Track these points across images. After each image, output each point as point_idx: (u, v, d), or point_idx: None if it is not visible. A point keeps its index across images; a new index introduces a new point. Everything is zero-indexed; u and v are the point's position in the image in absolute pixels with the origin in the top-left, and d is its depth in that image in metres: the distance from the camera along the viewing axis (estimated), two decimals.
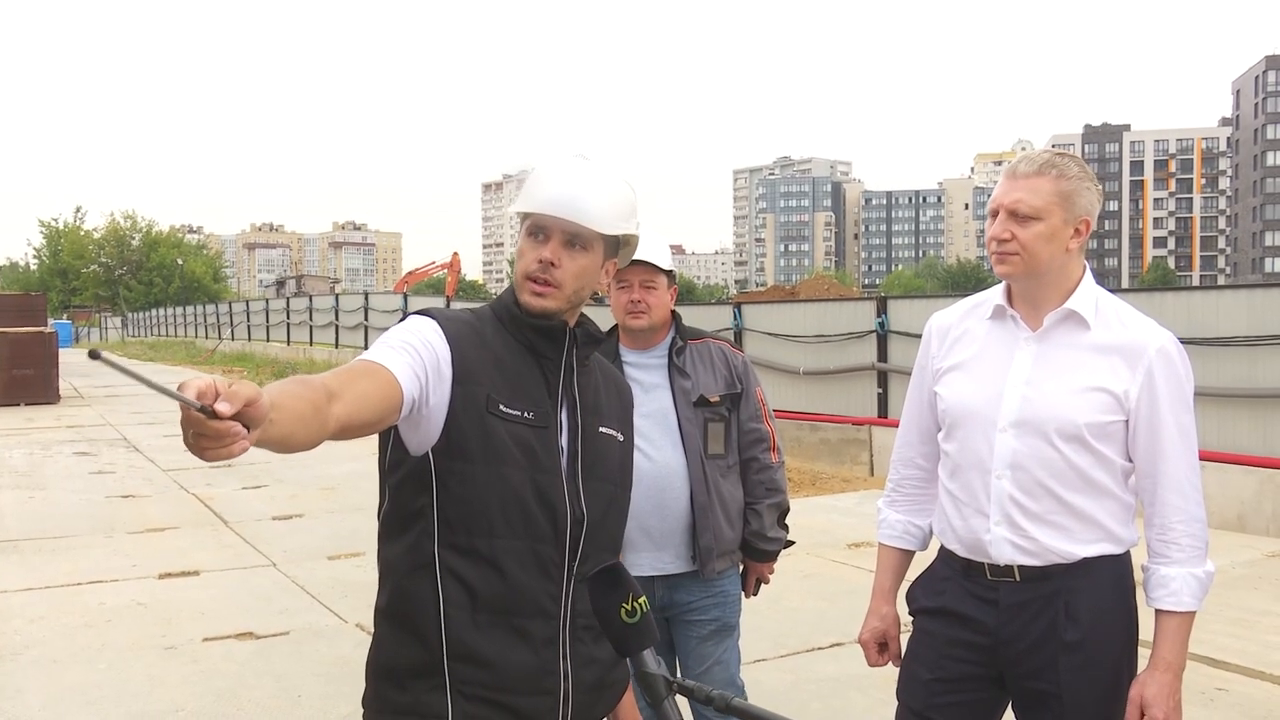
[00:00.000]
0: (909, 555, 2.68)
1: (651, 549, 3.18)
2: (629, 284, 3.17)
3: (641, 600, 1.52)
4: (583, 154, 2.06)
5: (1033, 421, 2.32)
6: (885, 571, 2.67)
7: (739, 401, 3.30)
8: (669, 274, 3.23)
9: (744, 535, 3.32)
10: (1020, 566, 2.35)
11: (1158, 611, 2.34)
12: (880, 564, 2.69)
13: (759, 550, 3.35)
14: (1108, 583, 2.35)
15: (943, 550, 2.53)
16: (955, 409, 2.44)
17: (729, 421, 3.27)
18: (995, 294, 2.47)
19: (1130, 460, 2.35)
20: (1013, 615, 2.35)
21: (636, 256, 3.08)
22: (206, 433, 1.35)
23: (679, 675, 3.36)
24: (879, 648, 2.66)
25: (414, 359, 1.85)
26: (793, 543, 3.51)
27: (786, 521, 3.44)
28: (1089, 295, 2.37)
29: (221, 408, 1.34)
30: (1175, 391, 2.32)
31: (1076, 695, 2.31)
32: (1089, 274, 2.41)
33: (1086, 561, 2.33)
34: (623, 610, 1.52)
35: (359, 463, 11.29)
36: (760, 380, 3.44)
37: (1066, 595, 2.32)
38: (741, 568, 3.40)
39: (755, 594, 3.48)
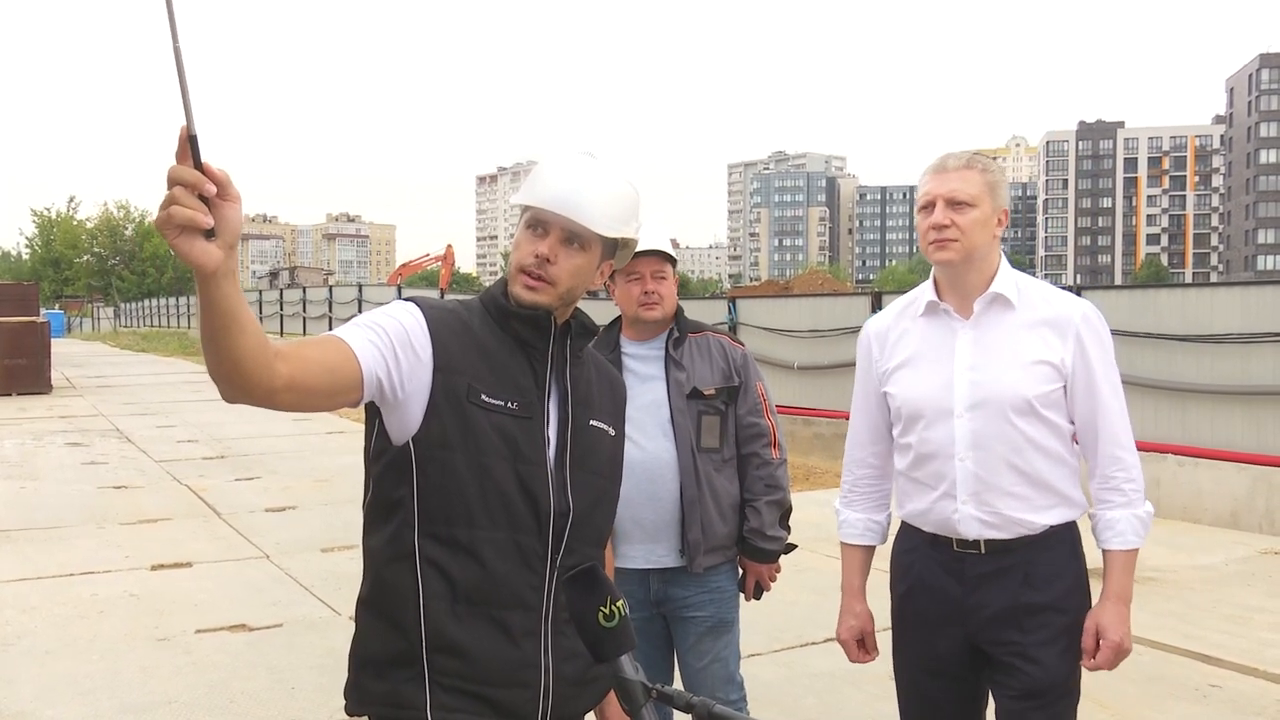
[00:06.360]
0: (871, 550, 2.82)
1: (645, 541, 3.16)
2: (640, 275, 3.12)
3: (620, 604, 1.48)
4: (590, 151, 2.04)
5: (986, 402, 2.48)
6: (852, 570, 2.80)
7: (737, 395, 3.25)
8: (674, 264, 3.21)
9: (742, 533, 3.25)
10: (987, 540, 2.50)
11: (1106, 551, 2.52)
12: (846, 563, 2.81)
13: (757, 549, 3.26)
14: (1063, 549, 2.52)
15: (905, 525, 2.67)
16: (909, 404, 2.58)
17: (725, 415, 3.22)
18: (925, 291, 2.62)
19: (1072, 422, 2.52)
20: (976, 585, 2.51)
21: (647, 247, 3.06)
22: (184, 179, 1.38)
23: (675, 673, 3.35)
24: (857, 645, 2.78)
25: (379, 337, 1.84)
26: (794, 546, 3.41)
27: (789, 523, 3.34)
28: (1009, 278, 2.54)
29: (213, 167, 1.39)
30: (1103, 354, 2.50)
31: (1042, 654, 2.48)
32: (1005, 260, 2.59)
33: (1045, 534, 2.50)
34: (600, 614, 1.48)
35: (353, 455, 11.25)
36: (761, 375, 3.38)
37: (1026, 567, 2.48)
38: (741, 572, 3.32)
39: (757, 598, 3.38)
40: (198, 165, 1.37)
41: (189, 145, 1.35)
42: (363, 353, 1.81)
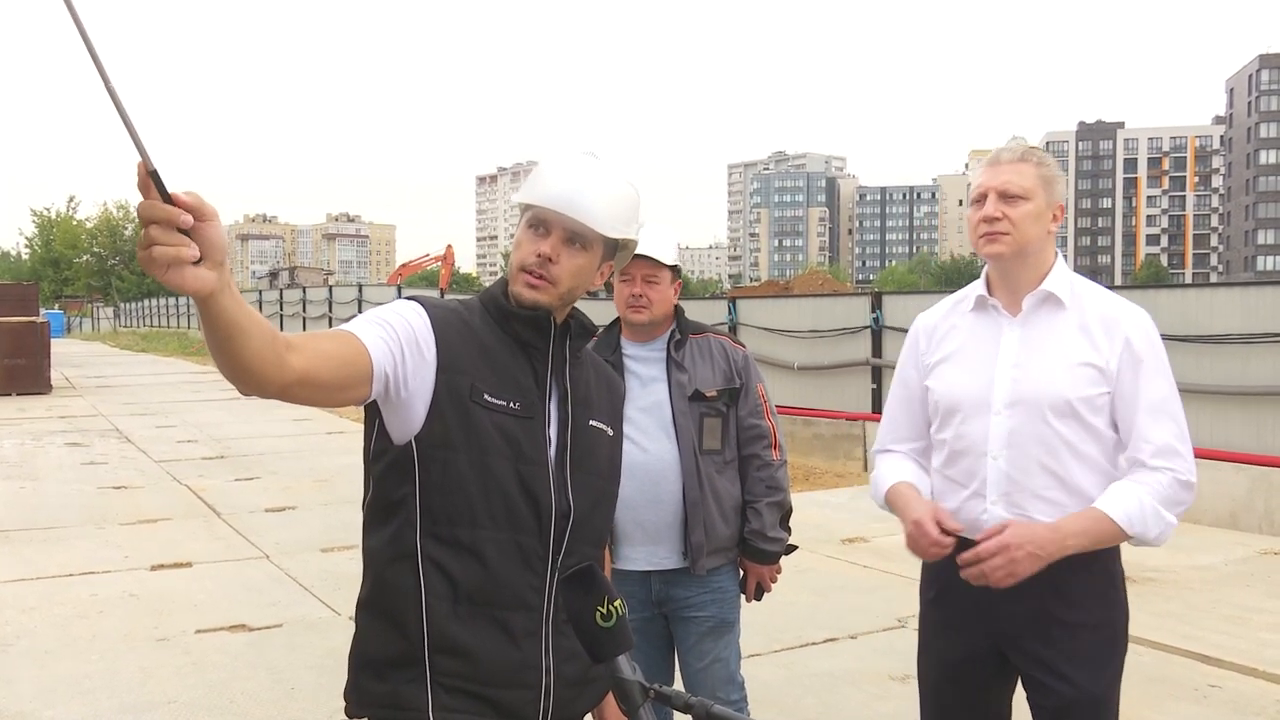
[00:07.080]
0: (918, 492, 2.57)
1: (647, 543, 3.16)
2: (631, 278, 3.13)
3: (617, 604, 1.48)
4: (592, 151, 2.04)
5: (1025, 401, 2.41)
6: (907, 494, 2.54)
7: (738, 396, 3.25)
8: (673, 269, 3.20)
9: (743, 534, 3.25)
10: None
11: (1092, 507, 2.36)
12: (898, 497, 2.56)
13: (758, 550, 3.25)
14: (1098, 562, 2.41)
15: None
16: (948, 398, 2.52)
17: (726, 417, 3.22)
18: (975, 286, 2.58)
19: (1117, 432, 2.43)
20: (1003, 592, 2.41)
21: (640, 251, 3.07)
22: (157, 217, 1.33)
23: (677, 673, 3.35)
24: (935, 523, 2.42)
25: (388, 333, 1.84)
26: (795, 547, 3.41)
27: (790, 523, 3.34)
28: (1064, 277, 2.48)
29: (180, 194, 1.33)
30: (1155, 363, 2.41)
31: (1072, 671, 2.41)
32: (1061, 258, 2.52)
33: None
34: (598, 614, 1.47)
35: (353, 456, 11.24)
36: (761, 376, 3.37)
37: (1056, 577, 2.35)
38: (742, 573, 3.32)
39: (757, 599, 3.37)
40: (165, 198, 1.33)
41: (151, 181, 1.31)
42: (374, 348, 1.80)
